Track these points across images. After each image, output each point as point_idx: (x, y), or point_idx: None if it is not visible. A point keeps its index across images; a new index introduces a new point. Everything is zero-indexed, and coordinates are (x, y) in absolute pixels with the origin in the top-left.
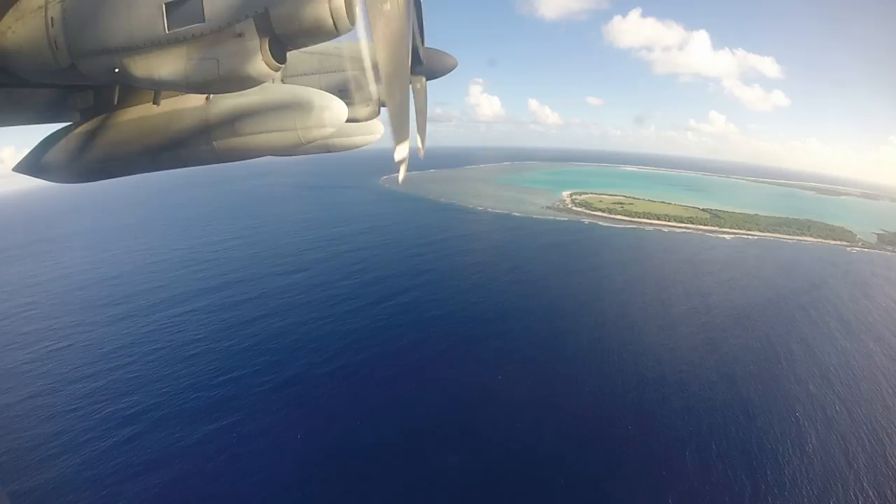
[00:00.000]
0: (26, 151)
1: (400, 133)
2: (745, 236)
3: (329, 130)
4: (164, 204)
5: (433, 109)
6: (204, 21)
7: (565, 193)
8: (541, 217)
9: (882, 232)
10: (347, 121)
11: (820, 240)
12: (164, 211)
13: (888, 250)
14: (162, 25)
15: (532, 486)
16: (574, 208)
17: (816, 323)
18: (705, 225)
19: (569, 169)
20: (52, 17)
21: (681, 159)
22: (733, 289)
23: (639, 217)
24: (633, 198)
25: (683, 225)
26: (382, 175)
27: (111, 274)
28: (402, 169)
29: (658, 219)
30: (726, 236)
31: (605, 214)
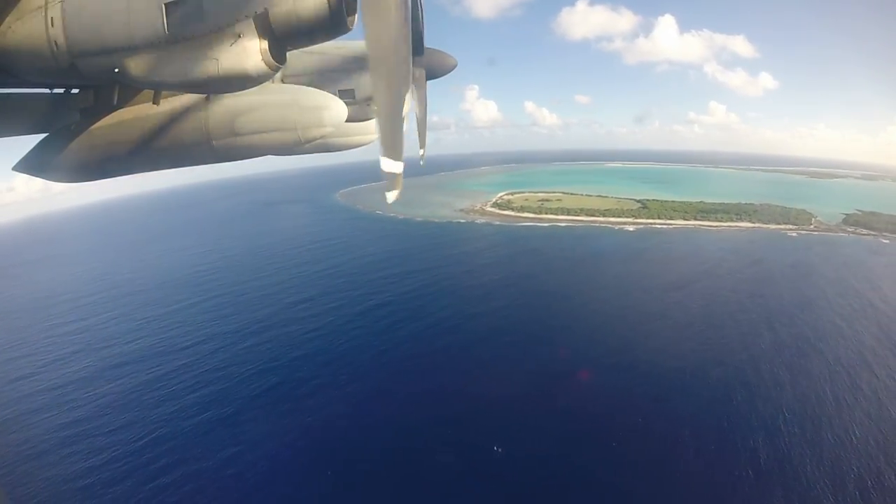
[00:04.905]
0: (26, 151)
1: (390, 142)
2: (656, 226)
3: (328, 130)
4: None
5: (430, 118)
6: (204, 21)
7: (498, 195)
8: (438, 220)
9: (854, 212)
10: (347, 121)
11: (760, 225)
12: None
13: (848, 231)
14: (162, 25)
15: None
16: (487, 209)
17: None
18: (620, 217)
19: (545, 169)
20: (52, 17)
21: (683, 153)
22: (562, 286)
23: (550, 213)
24: (569, 194)
25: (591, 218)
26: (340, 189)
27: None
28: (398, 184)
29: (570, 213)
30: (629, 227)
31: (513, 213)
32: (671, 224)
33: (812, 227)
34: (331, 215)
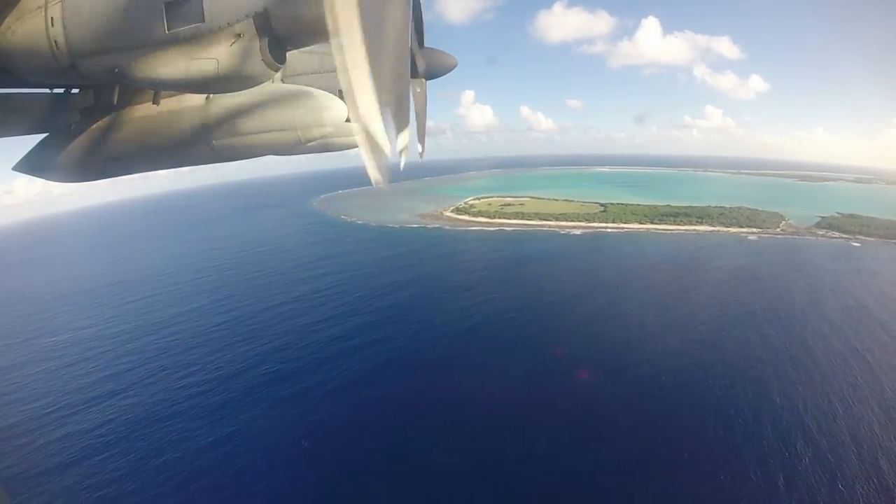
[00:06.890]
0: (26, 151)
1: (400, 123)
2: (607, 230)
3: (329, 130)
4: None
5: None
6: (204, 21)
7: (465, 200)
8: (392, 226)
9: (832, 215)
10: (347, 121)
11: (720, 228)
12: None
13: (817, 235)
14: (162, 25)
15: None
16: (446, 214)
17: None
18: (573, 221)
19: (532, 174)
20: (52, 17)
21: (679, 157)
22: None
23: (504, 217)
24: (535, 198)
25: (542, 222)
26: (321, 195)
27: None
28: (402, 158)
29: (524, 218)
30: (577, 231)
31: (468, 218)
32: (623, 228)
33: (779, 230)
34: (298, 220)
